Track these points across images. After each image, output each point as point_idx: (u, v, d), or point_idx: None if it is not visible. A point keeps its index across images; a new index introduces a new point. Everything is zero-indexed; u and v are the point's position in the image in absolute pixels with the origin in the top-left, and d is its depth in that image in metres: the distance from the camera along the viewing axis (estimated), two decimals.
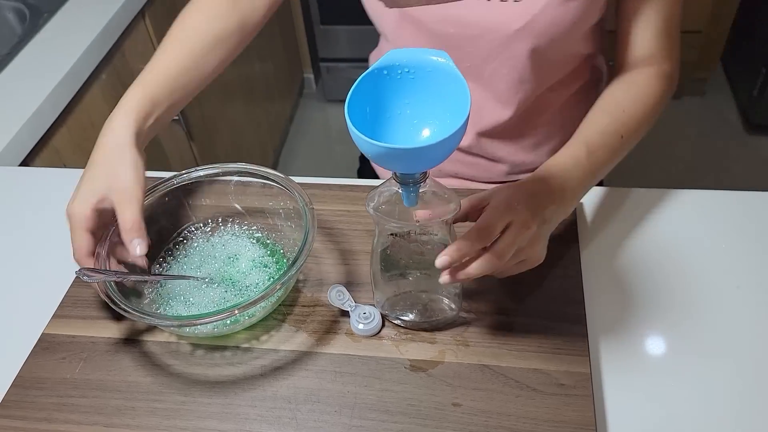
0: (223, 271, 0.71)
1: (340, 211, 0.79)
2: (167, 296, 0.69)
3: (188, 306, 0.68)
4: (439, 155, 0.48)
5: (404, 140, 0.52)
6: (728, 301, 0.69)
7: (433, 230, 0.59)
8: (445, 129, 0.51)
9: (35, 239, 0.82)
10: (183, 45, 0.73)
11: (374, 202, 0.57)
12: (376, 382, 0.63)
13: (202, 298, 0.69)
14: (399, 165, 0.51)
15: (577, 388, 0.61)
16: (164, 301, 0.69)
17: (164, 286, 0.70)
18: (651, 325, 0.68)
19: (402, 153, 0.47)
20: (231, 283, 0.70)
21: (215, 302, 0.68)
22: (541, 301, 0.68)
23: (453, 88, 0.49)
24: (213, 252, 0.73)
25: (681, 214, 0.78)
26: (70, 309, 0.71)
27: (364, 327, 0.66)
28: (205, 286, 0.70)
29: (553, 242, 0.73)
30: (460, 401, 0.61)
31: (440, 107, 0.51)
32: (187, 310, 0.68)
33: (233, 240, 0.75)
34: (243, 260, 0.72)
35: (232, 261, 0.72)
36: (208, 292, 0.69)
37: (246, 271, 0.71)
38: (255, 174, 0.72)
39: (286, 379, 0.64)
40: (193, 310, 0.68)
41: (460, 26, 0.74)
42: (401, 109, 0.52)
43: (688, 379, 0.63)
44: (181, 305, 0.68)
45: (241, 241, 0.74)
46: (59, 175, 0.92)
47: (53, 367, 0.66)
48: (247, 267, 0.71)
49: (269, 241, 0.75)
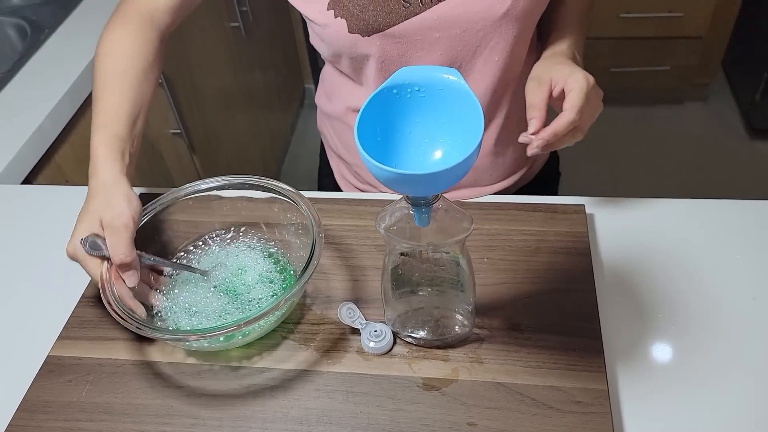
0: (229, 281, 0.71)
1: (349, 226, 0.78)
2: (171, 304, 0.69)
3: (191, 315, 0.67)
4: (453, 178, 0.47)
5: (415, 161, 0.51)
6: (745, 312, 0.68)
7: (445, 248, 0.58)
8: (456, 148, 0.50)
9: (39, 258, 0.81)
10: (123, 79, 0.74)
11: (385, 222, 0.56)
12: (389, 401, 0.62)
13: (206, 307, 0.68)
14: (411, 189, 0.50)
15: (594, 406, 0.60)
16: (168, 309, 0.68)
17: (170, 294, 0.69)
18: (667, 339, 0.67)
19: (415, 179, 0.46)
20: (234, 295, 0.69)
21: (217, 313, 0.67)
22: (554, 317, 0.67)
23: (464, 106, 0.48)
24: (226, 260, 0.73)
25: (693, 224, 0.77)
26: (75, 330, 0.70)
27: (375, 345, 0.65)
28: (210, 294, 0.69)
29: (565, 255, 0.73)
30: (476, 421, 0.60)
31: (451, 126, 0.50)
32: (189, 320, 0.67)
33: (247, 251, 0.74)
34: (251, 273, 0.71)
35: (241, 272, 0.72)
36: (212, 302, 0.68)
37: (251, 284, 0.70)
38: (262, 187, 0.72)
39: (297, 400, 0.62)
40: (196, 319, 0.67)
41: (444, 27, 0.73)
42: (412, 128, 0.51)
43: (706, 393, 0.62)
44: (184, 313, 0.68)
45: (254, 254, 0.74)
46: (62, 192, 0.91)
47: (59, 390, 0.65)
48: (253, 280, 0.71)
49: (282, 258, 0.74)
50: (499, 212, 0.78)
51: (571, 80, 0.66)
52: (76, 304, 0.73)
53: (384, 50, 0.75)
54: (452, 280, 0.62)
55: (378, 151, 0.48)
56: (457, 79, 0.49)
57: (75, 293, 0.74)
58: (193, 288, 0.70)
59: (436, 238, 0.56)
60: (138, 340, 0.69)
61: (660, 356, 0.65)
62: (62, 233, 0.83)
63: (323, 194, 0.83)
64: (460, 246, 0.58)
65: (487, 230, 0.76)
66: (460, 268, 0.60)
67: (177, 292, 0.70)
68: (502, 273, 0.72)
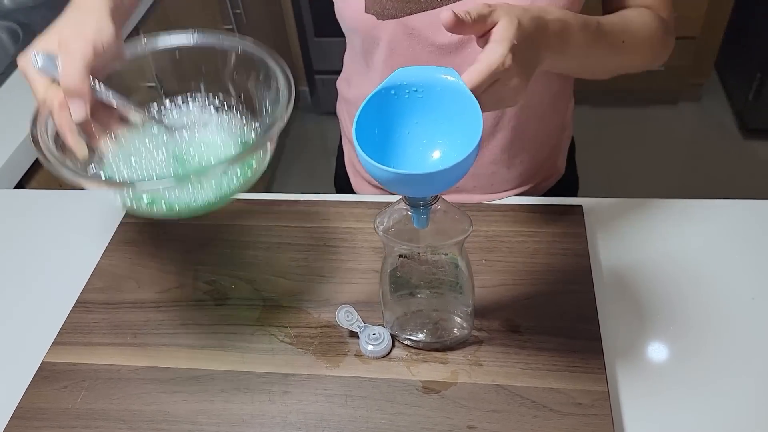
0: (188, 152, 0.63)
1: (345, 229, 0.78)
2: (115, 154, 0.61)
3: (131, 169, 0.60)
4: (452, 179, 0.46)
5: (414, 161, 0.51)
6: (744, 312, 0.68)
7: (444, 250, 0.58)
8: (455, 149, 0.50)
9: (33, 263, 0.80)
10: None
11: (384, 224, 0.56)
12: (388, 405, 0.61)
13: (149, 164, 0.61)
14: (410, 190, 0.50)
15: (595, 407, 0.59)
16: (109, 160, 0.61)
17: (119, 144, 0.61)
18: (666, 339, 0.66)
19: (413, 178, 0.45)
20: (185, 167, 0.62)
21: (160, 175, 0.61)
22: (554, 318, 0.67)
23: (463, 106, 0.48)
24: (195, 129, 0.65)
25: (691, 224, 0.77)
26: (70, 335, 0.69)
27: (373, 348, 0.64)
28: (160, 155, 0.62)
29: (563, 256, 0.72)
30: (476, 424, 0.59)
31: (450, 127, 0.50)
32: (128, 173, 0.60)
33: (223, 129, 0.66)
34: (214, 151, 0.64)
35: (205, 147, 0.64)
36: (159, 163, 0.61)
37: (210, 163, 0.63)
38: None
39: (295, 405, 0.62)
40: (134, 174, 0.60)
41: None
42: (410, 128, 0.51)
43: (706, 393, 0.62)
44: (124, 166, 0.60)
45: (229, 135, 0.66)
46: (56, 196, 0.90)
47: (54, 396, 0.64)
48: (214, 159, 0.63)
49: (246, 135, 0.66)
50: (497, 214, 0.78)
51: (503, 11, 0.52)
52: (71, 309, 0.72)
53: (395, 38, 0.73)
54: (451, 282, 0.61)
55: (376, 152, 0.47)
56: (455, 79, 0.48)
57: (70, 298, 0.73)
58: (144, 142, 0.62)
59: (434, 240, 0.56)
60: (133, 345, 0.68)
61: (659, 357, 0.65)
62: (56, 238, 0.83)
63: (321, 197, 0.83)
64: (459, 248, 0.58)
65: (485, 232, 0.76)
66: (459, 270, 0.60)
67: (125, 144, 0.61)
68: (500, 274, 0.71)
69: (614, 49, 0.68)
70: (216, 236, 0.79)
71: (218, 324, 0.69)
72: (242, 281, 0.74)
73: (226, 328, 0.69)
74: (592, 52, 0.65)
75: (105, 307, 0.72)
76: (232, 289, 0.73)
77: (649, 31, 0.72)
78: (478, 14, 0.50)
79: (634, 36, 0.71)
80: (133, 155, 0.61)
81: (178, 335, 0.69)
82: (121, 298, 0.73)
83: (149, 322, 0.70)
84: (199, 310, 0.71)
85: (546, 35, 0.56)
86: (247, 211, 0.82)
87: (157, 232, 0.80)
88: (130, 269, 0.76)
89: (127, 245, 0.79)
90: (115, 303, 0.72)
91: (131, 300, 0.73)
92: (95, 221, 0.84)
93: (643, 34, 0.72)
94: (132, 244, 0.79)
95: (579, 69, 0.71)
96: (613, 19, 0.69)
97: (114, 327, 0.70)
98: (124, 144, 0.62)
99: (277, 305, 0.71)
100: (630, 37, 0.70)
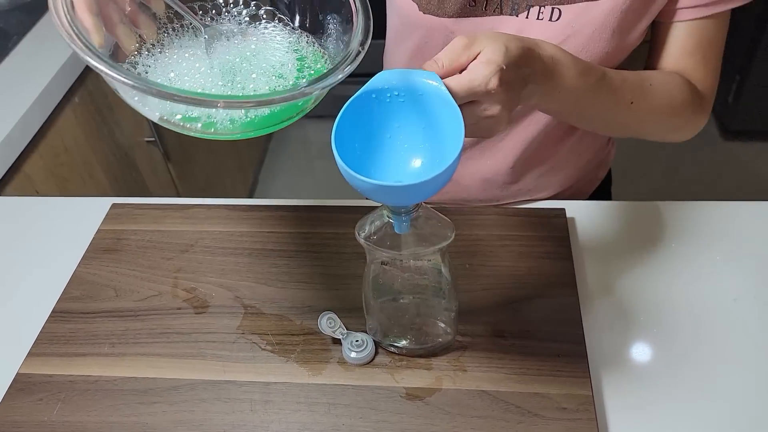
0: (232, 61, 0.55)
1: (328, 234, 0.77)
2: (150, 61, 0.54)
3: (169, 81, 0.53)
4: (432, 189, 0.46)
5: (395, 168, 0.50)
6: (726, 313, 0.68)
7: (426, 257, 0.57)
8: (437, 154, 0.49)
9: (7, 272, 0.78)
10: None
11: (365, 231, 0.55)
12: (372, 413, 0.60)
13: (190, 78, 0.53)
14: (390, 199, 0.49)
15: (579, 412, 0.59)
16: (143, 65, 0.54)
17: (152, 51, 0.54)
18: (650, 342, 0.66)
19: (392, 189, 0.45)
20: (231, 78, 0.54)
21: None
22: (538, 322, 0.66)
23: (444, 112, 0.47)
24: (239, 37, 0.57)
25: (672, 226, 0.77)
26: (46, 346, 0.68)
27: (356, 355, 0.64)
28: (201, 67, 0.54)
29: (546, 260, 0.72)
30: (460, 430, 0.58)
31: (432, 132, 0.49)
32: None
33: (270, 38, 0.58)
34: (262, 61, 0.56)
35: (251, 56, 0.56)
36: (200, 76, 0.54)
37: (258, 74, 0.55)
38: None
39: (277, 414, 0.61)
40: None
41: None
42: (391, 133, 0.50)
43: (690, 394, 0.62)
44: (160, 76, 0.53)
45: (278, 44, 0.58)
46: (32, 203, 0.88)
47: (29, 409, 0.62)
48: (262, 71, 0.55)
49: (310, 61, 0.58)
50: (480, 218, 0.78)
51: (487, 39, 0.50)
52: (47, 319, 0.70)
53: (430, 34, 0.72)
54: (434, 288, 0.61)
55: (357, 158, 0.46)
56: (437, 84, 0.48)
57: (45, 308, 0.72)
58: (181, 50, 0.54)
59: (417, 247, 0.55)
60: (111, 355, 0.66)
61: (643, 359, 0.65)
62: (32, 245, 0.81)
63: (303, 202, 0.82)
64: (442, 254, 0.57)
65: (468, 236, 0.75)
66: (442, 276, 0.59)
67: (161, 51, 0.53)
68: (484, 279, 0.71)
69: (619, 106, 0.64)
70: (196, 243, 0.78)
71: (198, 332, 0.68)
72: (223, 288, 0.72)
73: (207, 337, 0.68)
74: (589, 103, 0.61)
75: (82, 316, 0.71)
76: (212, 297, 0.72)
77: (669, 100, 0.68)
78: (448, 58, 0.49)
79: (648, 100, 0.66)
80: (170, 60, 0.53)
81: (157, 344, 0.67)
82: (98, 307, 0.71)
83: (127, 332, 0.69)
84: (178, 318, 0.70)
85: (534, 69, 0.53)
86: (228, 216, 0.81)
87: (136, 239, 0.79)
88: (108, 277, 0.74)
89: (105, 253, 0.77)
90: (93, 312, 0.71)
91: (109, 309, 0.71)
92: (72, 228, 0.82)
93: (661, 101, 0.67)
94: (110, 252, 0.77)
95: (575, 117, 0.66)
96: (627, 76, 0.65)
97: (91, 337, 0.68)
98: (160, 48, 0.53)
99: (258, 312, 0.70)
100: (641, 99, 0.65)
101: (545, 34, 0.67)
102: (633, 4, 0.65)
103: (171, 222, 0.80)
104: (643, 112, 0.66)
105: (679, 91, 0.69)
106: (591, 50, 0.68)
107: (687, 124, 0.72)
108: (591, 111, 0.63)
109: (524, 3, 0.67)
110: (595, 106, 0.62)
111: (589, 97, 0.60)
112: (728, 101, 2.23)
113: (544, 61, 0.55)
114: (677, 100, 0.69)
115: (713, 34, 0.70)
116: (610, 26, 0.66)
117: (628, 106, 0.65)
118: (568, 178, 0.86)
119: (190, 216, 0.81)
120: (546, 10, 0.67)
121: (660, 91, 0.67)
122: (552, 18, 0.67)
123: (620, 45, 0.69)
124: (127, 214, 0.82)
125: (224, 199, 0.84)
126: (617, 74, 0.64)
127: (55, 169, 1.12)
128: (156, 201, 0.84)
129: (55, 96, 1.10)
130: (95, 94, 1.24)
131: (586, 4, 0.65)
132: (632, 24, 0.68)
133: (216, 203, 0.83)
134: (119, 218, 0.81)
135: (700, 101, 0.71)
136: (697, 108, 0.71)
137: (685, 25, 0.69)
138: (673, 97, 0.68)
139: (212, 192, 1.81)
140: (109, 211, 0.82)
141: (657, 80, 0.68)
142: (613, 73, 0.63)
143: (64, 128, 1.14)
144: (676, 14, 0.68)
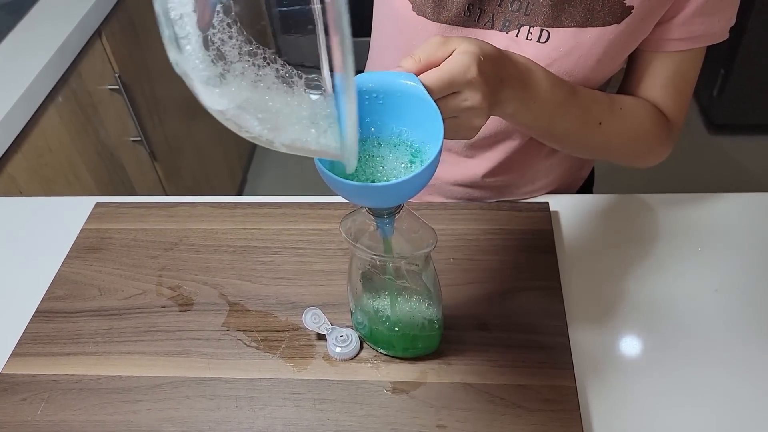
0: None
1: (312, 230, 0.77)
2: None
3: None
4: (413, 189, 0.46)
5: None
6: (707, 304, 0.69)
7: (410, 260, 0.57)
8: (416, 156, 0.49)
9: None
10: None
11: (347, 226, 0.55)
12: (357, 407, 0.60)
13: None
14: (372, 201, 0.49)
15: (563, 403, 0.59)
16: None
17: None
18: (633, 333, 0.67)
19: (373, 190, 0.45)
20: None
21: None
22: (521, 315, 0.67)
23: (423, 111, 0.47)
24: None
25: (655, 218, 0.78)
26: (29, 346, 0.68)
27: (341, 350, 0.64)
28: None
29: (530, 253, 0.72)
30: (445, 423, 0.59)
31: (411, 133, 0.49)
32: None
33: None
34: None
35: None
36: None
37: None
38: None
39: (263, 410, 0.61)
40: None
41: None
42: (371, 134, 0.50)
43: (672, 385, 0.62)
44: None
45: None
46: (16, 204, 0.88)
47: (13, 409, 0.62)
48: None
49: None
50: (464, 212, 0.78)
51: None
52: (30, 318, 0.70)
53: (417, 37, 0.71)
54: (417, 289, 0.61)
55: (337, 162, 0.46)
56: (415, 84, 0.48)
57: (29, 307, 0.71)
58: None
59: (401, 251, 0.55)
60: (95, 354, 0.66)
61: (626, 351, 0.66)
62: (15, 245, 0.80)
63: (287, 198, 0.82)
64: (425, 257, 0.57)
65: (452, 230, 0.75)
66: (426, 276, 0.59)
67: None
68: (468, 273, 0.71)
69: (588, 126, 0.65)
70: (180, 241, 0.77)
71: (183, 330, 0.68)
72: (207, 286, 0.72)
73: (191, 334, 0.68)
74: (560, 118, 0.62)
75: (66, 315, 0.70)
76: (197, 295, 0.72)
77: (637, 126, 0.69)
78: (425, 53, 0.49)
79: (617, 123, 0.67)
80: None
81: (141, 343, 0.67)
82: (82, 306, 0.71)
83: (111, 330, 0.68)
84: (163, 316, 0.70)
85: (509, 71, 0.54)
86: (212, 214, 0.80)
87: (120, 238, 0.78)
88: (92, 276, 0.74)
89: (89, 252, 0.77)
90: (77, 311, 0.71)
91: (93, 308, 0.71)
92: (55, 228, 0.81)
93: (629, 126, 0.68)
94: (94, 251, 0.77)
95: (547, 134, 0.65)
96: (598, 97, 0.66)
97: (75, 336, 0.68)
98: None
99: (243, 309, 0.70)
100: (610, 121, 0.66)
101: (532, 55, 0.67)
102: (620, 35, 0.66)
103: (155, 220, 0.80)
104: (611, 134, 0.68)
105: (648, 119, 0.70)
106: (575, 75, 0.68)
107: (651, 152, 0.74)
108: (561, 128, 0.64)
109: (516, 21, 0.67)
110: (565, 123, 0.63)
111: (560, 112, 0.62)
112: (713, 95, 2.24)
113: (518, 68, 0.56)
114: (645, 127, 0.70)
115: (688, 68, 0.72)
116: (595, 54, 0.67)
117: (597, 127, 0.66)
118: (549, 184, 0.86)
119: (174, 214, 0.81)
120: (535, 30, 0.67)
121: (630, 116, 0.69)
122: (540, 39, 0.67)
123: (602, 71, 0.70)
124: (111, 213, 0.82)
125: (209, 197, 0.84)
126: (588, 93, 0.65)
127: (39, 170, 1.11)
128: (140, 200, 0.84)
129: (38, 96, 1.09)
130: (79, 93, 1.23)
131: (575, 30, 0.66)
132: (617, 53, 0.68)
133: (200, 201, 0.83)
134: (103, 217, 0.81)
135: (668, 132, 0.73)
136: (665, 138, 0.73)
137: (666, 55, 0.70)
138: (642, 123, 0.70)
139: (200, 191, 1.80)
140: (93, 210, 0.82)
141: (628, 105, 0.69)
142: (585, 92, 0.65)
143: (48, 128, 1.13)
144: (659, 45, 0.69)
